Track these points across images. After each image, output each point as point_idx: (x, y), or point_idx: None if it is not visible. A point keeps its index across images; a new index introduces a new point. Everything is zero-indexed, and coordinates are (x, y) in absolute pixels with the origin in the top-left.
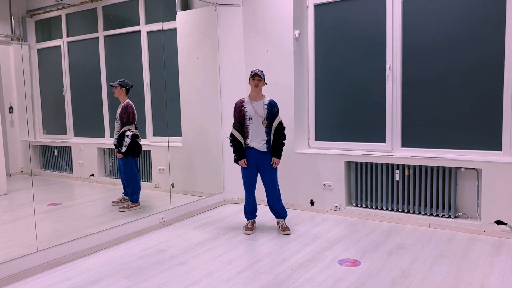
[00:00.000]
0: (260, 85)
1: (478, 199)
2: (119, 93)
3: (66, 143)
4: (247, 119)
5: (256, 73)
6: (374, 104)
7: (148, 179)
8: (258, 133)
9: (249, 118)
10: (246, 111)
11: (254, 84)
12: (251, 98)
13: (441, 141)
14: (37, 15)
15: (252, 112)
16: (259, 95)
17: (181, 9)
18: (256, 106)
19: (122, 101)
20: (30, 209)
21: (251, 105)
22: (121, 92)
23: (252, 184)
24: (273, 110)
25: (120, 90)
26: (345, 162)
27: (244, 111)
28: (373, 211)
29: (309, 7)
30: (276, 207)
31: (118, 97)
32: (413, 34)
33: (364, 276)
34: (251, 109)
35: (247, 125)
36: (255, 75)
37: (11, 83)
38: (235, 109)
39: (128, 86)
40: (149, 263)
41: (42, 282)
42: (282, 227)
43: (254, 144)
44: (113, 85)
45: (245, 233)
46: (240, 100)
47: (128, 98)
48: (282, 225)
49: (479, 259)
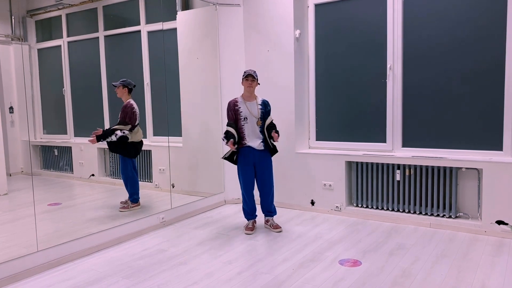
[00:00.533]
0: (254, 86)
1: (479, 199)
2: (122, 93)
3: (66, 143)
4: (242, 119)
5: (249, 73)
6: (375, 104)
7: (148, 179)
8: (253, 133)
9: (244, 118)
10: (241, 111)
11: (247, 85)
12: (245, 99)
13: (442, 141)
14: (38, 15)
15: (246, 112)
16: (252, 95)
17: (182, 9)
18: (250, 106)
19: (125, 101)
20: (31, 209)
21: (245, 105)
22: (124, 92)
23: (251, 183)
24: (267, 109)
25: (122, 90)
26: (346, 162)
27: (238, 111)
28: (373, 211)
29: (310, 6)
30: (269, 206)
31: (120, 97)
32: (414, 33)
33: (365, 276)
34: (245, 109)
35: (242, 125)
36: (249, 76)
37: (12, 83)
38: (229, 108)
39: (130, 86)
40: (149, 263)
41: (42, 282)
42: (273, 225)
43: (251, 144)
44: (115, 85)
45: (246, 233)
46: (234, 100)
47: (131, 97)
48: (273, 223)
49: (480, 259)
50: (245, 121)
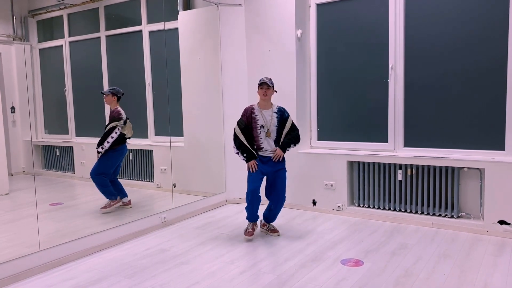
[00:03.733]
0: (269, 94)
1: (481, 199)
2: (110, 101)
3: (68, 143)
4: (258, 128)
5: (264, 81)
6: (377, 104)
7: (150, 179)
8: (269, 142)
9: (261, 126)
10: (258, 119)
11: (262, 93)
12: (261, 107)
13: (443, 141)
14: (39, 15)
15: (262, 121)
16: (268, 103)
17: (183, 9)
18: (265, 115)
19: (112, 108)
20: (32, 208)
21: (261, 114)
22: (112, 100)
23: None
24: (283, 116)
25: (111, 98)
26: (348, 162)
27: (255, 119)
28: (375, 211)
29: (311, 6)
30: (273, 218)
31: (109, 104)
32: (416, 33)
33: (367, 276)
34: (261, 118)
35: (258, 134)
36: (263, 84)
37: (13, 83)
38: (245, 114)
39: (119, 94)
40: (151, 263)
41: (44, 282)
42: (271, 229)
43: (267, 154)
44: (104, 93)
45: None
46: (251, 107)
47: (118, 105)
48: (271, 227)
49: (482, 259)
50: (261, 130)
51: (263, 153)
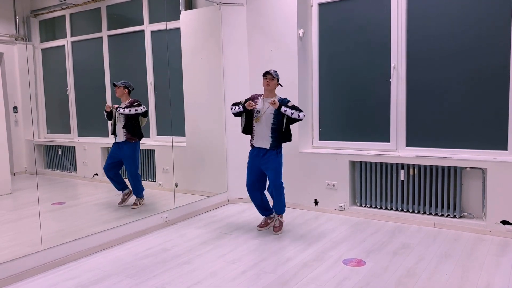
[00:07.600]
0: (272, 84)
1: (484, 199)
2: (122, 93)
3: (70, 143)
4: (255, 112)
5: (267, 71)
6: (379, 103)
7: (152, 178)
8: (262, 131)
9: (257, 111)
10: (257, 103)
11: (266, 83)
12: (265, 96)
13: (446, 141)
14: (41, 15)
15: (260, 106)
16: (271, 94)
17: (185, 9)
18: (266, 102)
19: (125, 100)
20: (35, 208)
21: (262, 100)
22: (124, 92)
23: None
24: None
25: (123, 90)
26: (350, 161)
27: (256, 103)
28: (377, 210)
29: (313, 6)
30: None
31: (120, 97)
32: (419, 32)
33: (369, 275)
34: (261, 103)
35: (254, 118)
36: (267, 73)
37: (16, 82)
38: (250, 96)
39: (131, 88)
40: (153, 262)
41: (46, 281)
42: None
43: (259, 144)
44: (116, 85)
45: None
46: (257, 94)
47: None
48: (275, 224)
49: (484, 259)
50: (257, 114)
51: (254, 143)
